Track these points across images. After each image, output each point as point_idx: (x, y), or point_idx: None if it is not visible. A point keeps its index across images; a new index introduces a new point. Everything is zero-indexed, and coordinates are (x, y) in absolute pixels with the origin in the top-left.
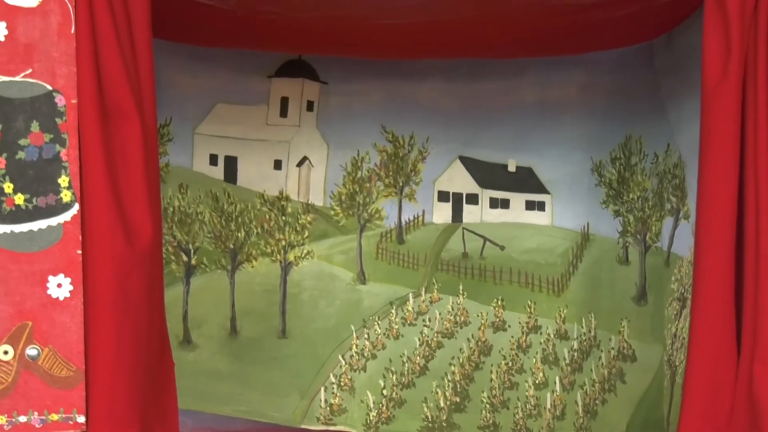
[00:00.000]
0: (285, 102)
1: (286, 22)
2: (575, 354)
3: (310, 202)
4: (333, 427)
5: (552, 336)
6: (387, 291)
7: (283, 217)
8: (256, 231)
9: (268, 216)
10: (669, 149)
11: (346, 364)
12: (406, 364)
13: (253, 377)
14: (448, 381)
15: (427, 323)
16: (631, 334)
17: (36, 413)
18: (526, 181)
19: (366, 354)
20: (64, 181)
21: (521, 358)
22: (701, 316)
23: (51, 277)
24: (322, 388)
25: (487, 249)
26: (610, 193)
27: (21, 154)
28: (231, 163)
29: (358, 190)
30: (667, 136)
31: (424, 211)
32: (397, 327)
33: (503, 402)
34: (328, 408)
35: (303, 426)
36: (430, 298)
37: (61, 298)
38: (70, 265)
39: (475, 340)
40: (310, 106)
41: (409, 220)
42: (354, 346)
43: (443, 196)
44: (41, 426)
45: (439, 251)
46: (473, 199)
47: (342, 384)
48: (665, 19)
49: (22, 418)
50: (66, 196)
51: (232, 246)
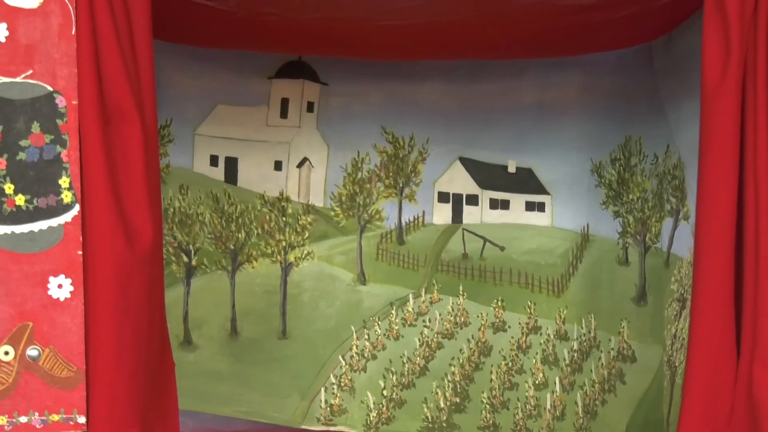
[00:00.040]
0: (285, 103)
1: (287, 23)
2: (575, 354)
3: (310, 203)
4: (333, 428)
5: (552, 337)
6: (387, 292)
7: (284, 218)
8: (256, 232)
9: (268, 217)
10: (668, 150)
11: (346, 364)
12: (406, 365)
13: (254, 378)
14: (448, 381)
15: (427, 324)
16: (631, 335)
17: (37, 414)
18: (526, 182)
19: (366, 355)
20: (64, 182)
21: (521, 358)
22: (701, 316)
23: (52, 278)
24: (323, 389)
25: (487, 250)
26: (609, 194)
27: (22, 155)
28: (231, 164)
29: (358, 191)
30: (666, 137)
31: (424, 212)
32: (397, 328)
33: (503, 402)
34: (329, 408)
35: (303, 426)
36: (430, 298)
37: (61, 299)
38: (70, 265)
39: (475, 341)
40: (310, 107)
41: (409, 221)
42: (354, 347)
43: (443, 197)
44: (42, 426)
45: (439, 252)
46: (473, 200)
47: (342, 384)
48: (664, 21)
49: (23, 419)
50: (66, 197)
51: (232, 247)
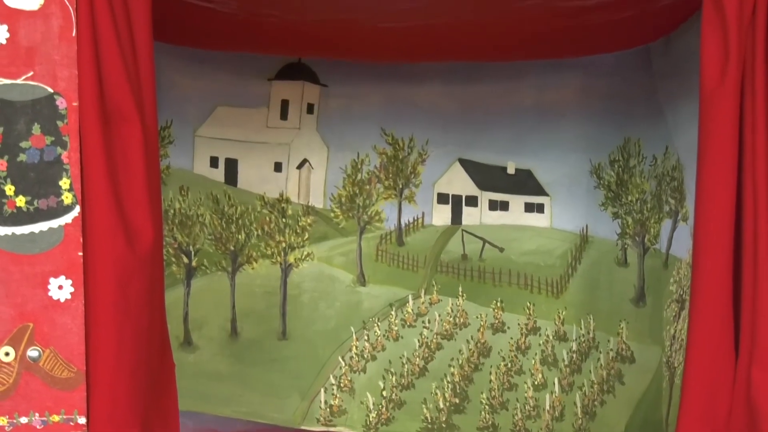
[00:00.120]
0: (285, 105)
1: (287, 25)
2: (574, 355)
3: (310, 204)
4: (333, 428)
5: (551, 337)
6: (387, 293)
7: (284, 219)
8: (256, 233)
9: (268, 218)
10: (667, 152)
11: (345, 365)
12: (406, 366)
13: (254, 378)
14: (448, 382)
15: (427, 325)
16: (630, 336)
17: (37, 414)
18: (525, 183)
19: (366, 355)
20: (65, 183)
21: (520, 359)
22: (699, 317)
23: (52, 279)
24: (322, 390)
25: (486, 251)
26: (608, 195)
27: (22, 157)
28: (231, 166)
29: (358, 192)
30: (665, 138)
31: (423, 213)
32: (396, 328)
33: (502, 403)
34: (328, 409)
35: (303, 427)
36: (430, 299)
37: (62, 300)
38: (71, 266)
39: (475, 342)
40: (310, 109)
41: (408, 222)
42: (354, 348)
43: (443, 199)
44: (42, 427)
45: (439, 253)
46: (472, 201)
47: (342, 385)
48: (663, 23)
49: (24, 419)
50: (67, 198)
51: (232, 248)
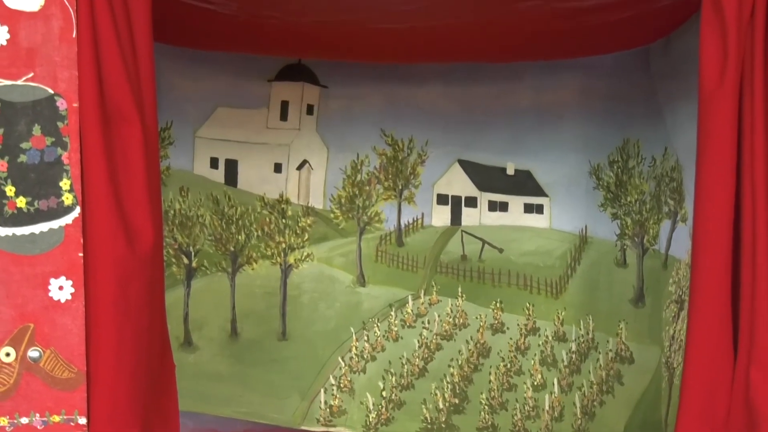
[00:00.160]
0: (285, 105)
1: (287, 26)
2: (573, 356)
3: (310, 205)
4: (333, 429)
5: (550, 338)
6: (386, 293)
7: (283, 220)
8: (256, 234)
9: (268, 219)
10: (666, 153)
11: (345, 365)
12: (406, 366)
13: (254, 379)
14: (447, 383)
15: (426, 325)
16: (629, 336)
17: (38, 415)
18: (525, 184)
19: (365, 356)
20: (65, 184)
21: (520, 359)
22: (698, 318)
23: (52, 280)
24: (322, 390)
25: (485, 251)
26: (608, 196)
27: (23, 158)
28: (231, 167)
29: (357, 193)
30: (664, 139)
31: (423, 214)
32: (396, 329)
33: (502, 403)
34: (328, 409)
35: (303, 427)
36: (429, 300)
37: (62, 301)
38: (71, 267)
39: (474, 342)
40: (310, 110)
41: (408, 222)
42: (353, 348)
43: (442, 199)
44: (43, 427)
45: (438, 254)
46: (472, 202)
47: (342, 386)
48: (662, 24)
49: (24, 420)
50: (67, 199)
51: (232, 248)
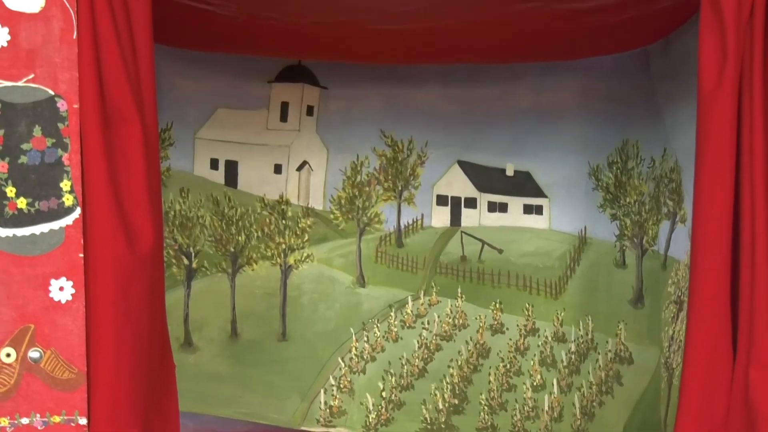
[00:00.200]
0: (285, 107)
1: (286, 27)
2: (573, 356)
3: (309, 206)
4: (332, 429)
5: (550, 339)
6: (386, 294)
7: (283, 221)
8: (256, 234)
9: (268, 220)
10: (665, 153)
11: (345, 366)
12: (405, 367)
13: (254, 379)
14: (447, 383)
15: (426, 326)
16: (628, 337)
17: (38, 415)
18: (524, 185)
19: (365, 356)
20: (66, 185)
21: (519, 360)
22: (697, 318)
23: (53, 281)
24: (322, 391)
25: (485, 252)
26: (607, 197)
27: (23, 159)
28: (231, 168)
29: (357, 194)
30: (663, 140)
31: (422, 215)
32: (396, 330)
33: (501, 404)
34: (328, 410)
35: (303, 428)
36: (429, 301)
37: (63, 301)
38: (72, 268)
39: (474, 343)
40: (310, 111)
41: (408, 223)
42: (353, 349)
43: (442, 200)
44: (43, 428)
45: (438, 255)
46: (471, 203)
47: (341, 386)
48: (661, 25)
49: (25, 420)
50: (68, 200)
51: (232, 249)
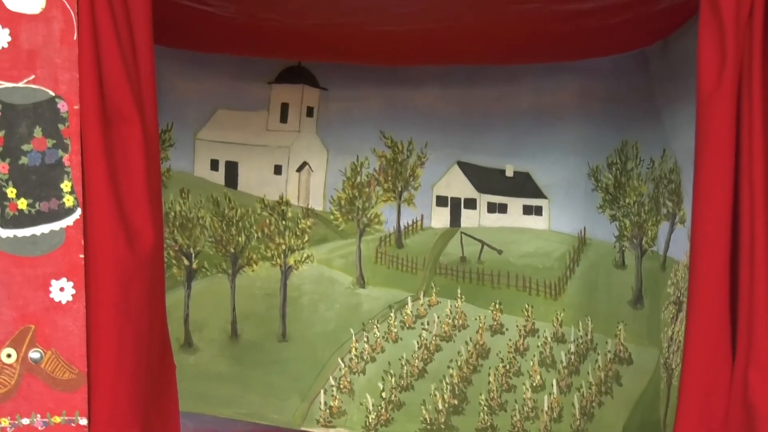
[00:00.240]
0: (285, 108)
1: (286, 28)
2: (572, 357)
3: (309, 206)
4: (332, 430)
5: (549, 339)
6: (386, 295)
7: (283, 222)
8: (256, 235)
9: (268, 220)
10: (665, 154)
11: (345, 367)
12: (405, 367)
13: (254, 380)
14: (447, 384)
15: (426, 327)
16: (628, 338)
17: (39, 416)
18: (524, 185)
19: (365, 357)
20: (66, 186)
21: (519, 361)
22: (697, 319)
23: (54, 281)
24: (322, 391)
25: (485, 253)
26: (606, 198)
27: (24, 160)
28: (232, 168)
29: (357, 194)
30: (662, 141)
31: (422, 216)
32: (396, 330)
33: (501, 404)
34: (328, 410)
35: (303, 428)
36: (429, 301)
37: (63, 302)
38: (72, 269)
39: (473, 344)
40: (309, 112)
41: (407, 224)
42: (353, 350)
43: (441, 201)
44: (44, 428)
45: (438, 255)
46: (471, 203)
47: (341, 387)
48: (660, 26)
49: (25, 421)
50: (68, 200)
51: (232, 250)
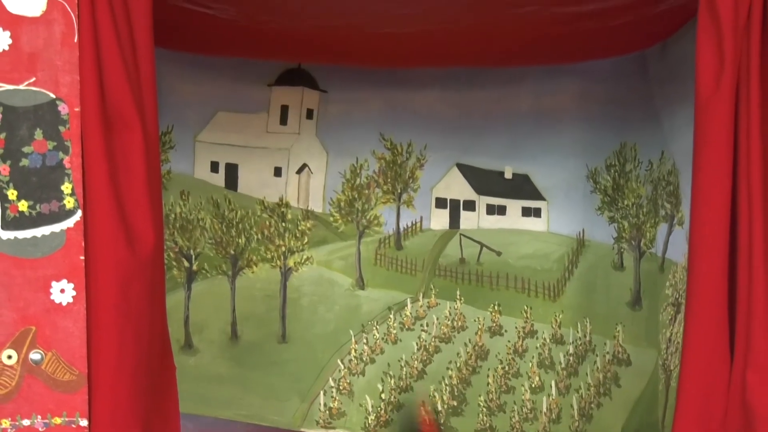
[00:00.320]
0: (285, 110)
1: (286, 31)
2: (571, 358)
3: (309, 208)
4: (332, 431)
5: (548, 340)
6: (385, 296)
7: (283, 224)
8: (256, 237)
9: (268, 222)
10: (663, 157)
11: (345, 368)
12: (404, 369)
13: (254, 381)
14: (446, 385)
15: (425, 328)
16: (626, 339)
17: (39, 417)
18: (522, 187)
19: (365, 358)
20: (67, 188)
21: (518, 362)
22: (695, 321)
23: (54, 283)
24: (322, 392)
25: (484, 255)
26: (605, 200)
27: (25, 162)
28: (232, 170)
29: (356, 196)
30: (661, 143)
31: (421, 218)
32: (395, 332)
33: (500, 406)
34: (328, 412)
35: (302, 429)
36: (428, 303)
37: (64, 304)
38: (73, 270)
39: (472, 345)
40: (309, 114)
41: (407, 226)
42: (353, 351)
43: (441, 203)
44: (44, 429)
45: (437, 257)
46: (470, 205)
47: (341, 388)
48: (659, 29)
49: (26, 422)
50: (69, 202)
51: (232, 252)
